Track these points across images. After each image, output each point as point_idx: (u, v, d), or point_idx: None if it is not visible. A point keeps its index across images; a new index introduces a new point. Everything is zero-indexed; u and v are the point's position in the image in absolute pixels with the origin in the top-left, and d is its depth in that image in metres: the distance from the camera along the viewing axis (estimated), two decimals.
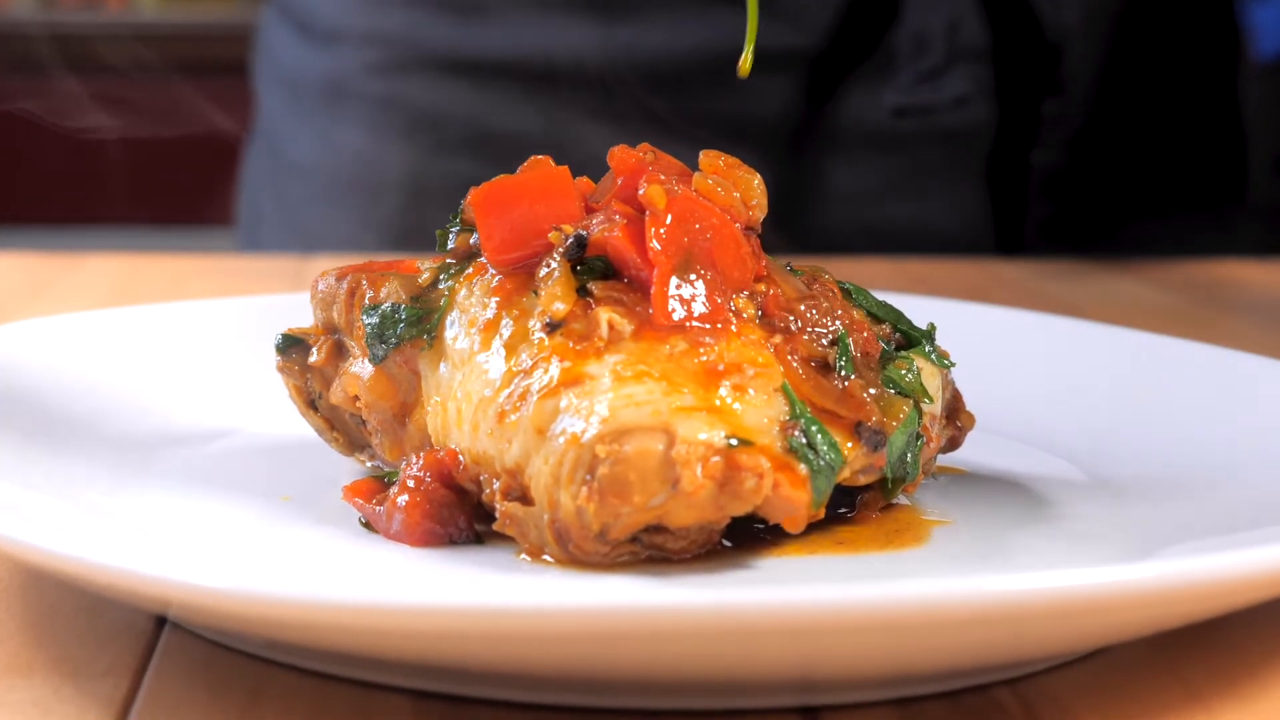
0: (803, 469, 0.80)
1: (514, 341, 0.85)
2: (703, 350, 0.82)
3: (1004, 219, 1.82)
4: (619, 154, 0.89)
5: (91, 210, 4.14)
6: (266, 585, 0.64)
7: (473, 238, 0.91)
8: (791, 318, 0.86)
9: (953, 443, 0.95)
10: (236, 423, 1.03)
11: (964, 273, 1.68)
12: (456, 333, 0.88)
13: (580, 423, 0.80)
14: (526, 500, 0.82)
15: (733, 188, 0.88)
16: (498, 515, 0.83)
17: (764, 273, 0.88)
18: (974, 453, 0.97)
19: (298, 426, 0.99)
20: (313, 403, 0.97)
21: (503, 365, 0.84)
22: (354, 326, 0.92)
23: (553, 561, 0.81)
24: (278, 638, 0.69)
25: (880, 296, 0.93)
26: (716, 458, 0.78)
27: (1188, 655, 0.76)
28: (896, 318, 0.92)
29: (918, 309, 0.97)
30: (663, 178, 0.86)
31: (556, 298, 0.84)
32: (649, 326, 0.83)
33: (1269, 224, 1.91)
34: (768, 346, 0.84)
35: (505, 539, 0.84)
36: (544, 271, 0.86)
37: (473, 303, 0.88)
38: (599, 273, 0.85)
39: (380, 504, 0.85)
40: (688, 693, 0.69)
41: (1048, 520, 0.90)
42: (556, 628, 0.62)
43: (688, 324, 0.83)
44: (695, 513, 0.78)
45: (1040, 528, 0.88)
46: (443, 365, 0.88)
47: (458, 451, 0.85)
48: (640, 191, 0.86)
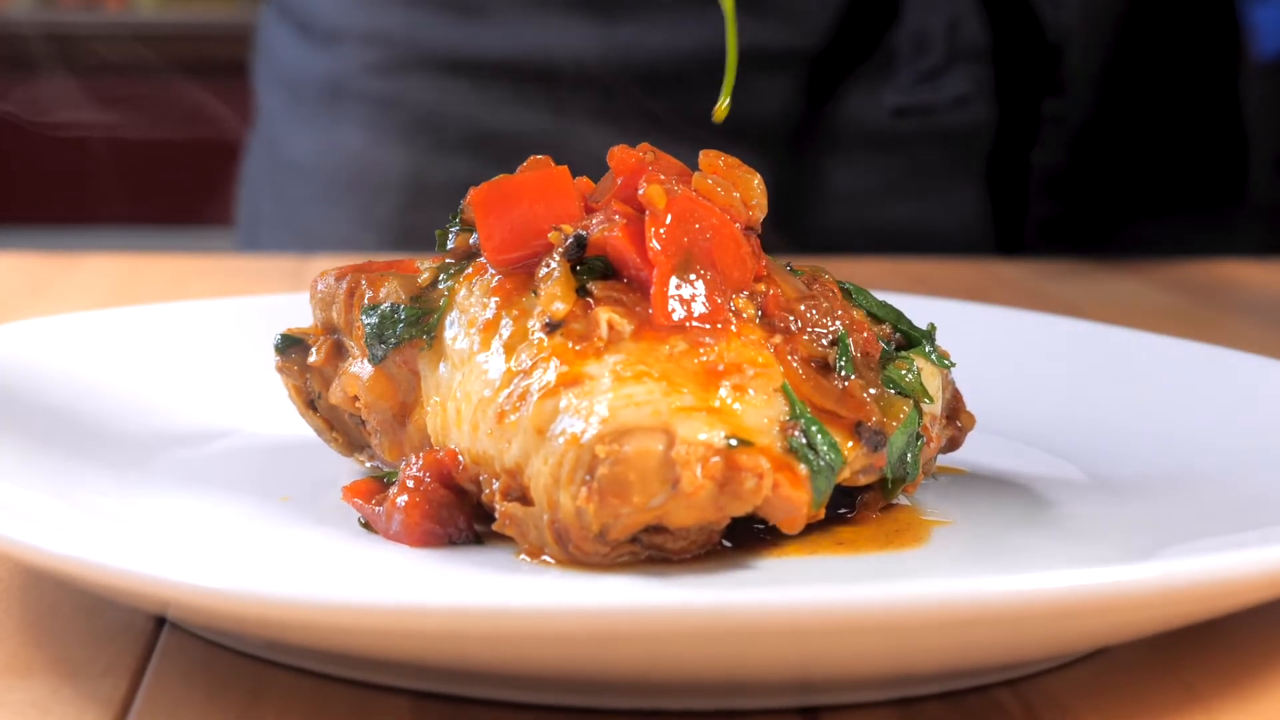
0: (803, 469, 0.80)
1: (513, 341, 0.85)
2: (703, 350, 0.82)
3: (1004, 219, 1.82)
4: (619, 154, 0.89)
5: (91, 210, 4.14)
6: (265, 586, 0.64)
7: (472, 238, 0.91)
8: (791, 318, 0.86)
9: (953, 443, 0.95)
10: (236, 423, 1.03)
11: (964, 273, 1.67)
12: (456, 333, 0.88)
13: (580, 423, 0.80)
14: (526, 500, 0.82)
15: (733, 188, 0.88)
16: (497, 515, 0.83)
17: (764, 273, 0.88)
18: (974, 453, 0.97)
19: (297, 427, 0.99)
20: (312, 403, 0.97)
21: (502, 365, 0.84)
22: (353, 326, 0.92)
23: (552, 562, 0.81)
24: (277, 638, 0.69)
25: (880, 296, 0.93)
26: (716, 458, 0.78)
27: (1188, 655, 0.76)
28: (896, 318, 0.92)
29: (918, 309, 0.97)
30: (663, 178, 0.86)
31: (556, 298, 0.84)
32: (649, 326, 0.83)
33: (1269, 224, 1.90)
34: (768, 346, 0.84)
35: (505, 539, 0.84)
36: (544, 271, 0.86)
37: (472, 303, 0.88)
38: (599, 273, 0.85)
39: (379, 504, 0.85)
40: (687, 693, 0.69)
41: (1048, 520, 0.90)
42: (556, 628, 0.62)
43: (688, 324, 0.83)
44: (695, 513, 0.78)
45: (1040, 528, 0.88)
46: (442, 365, 0.88)
47: (457, 452, 0.85)
48: (640, 191, 0.86)
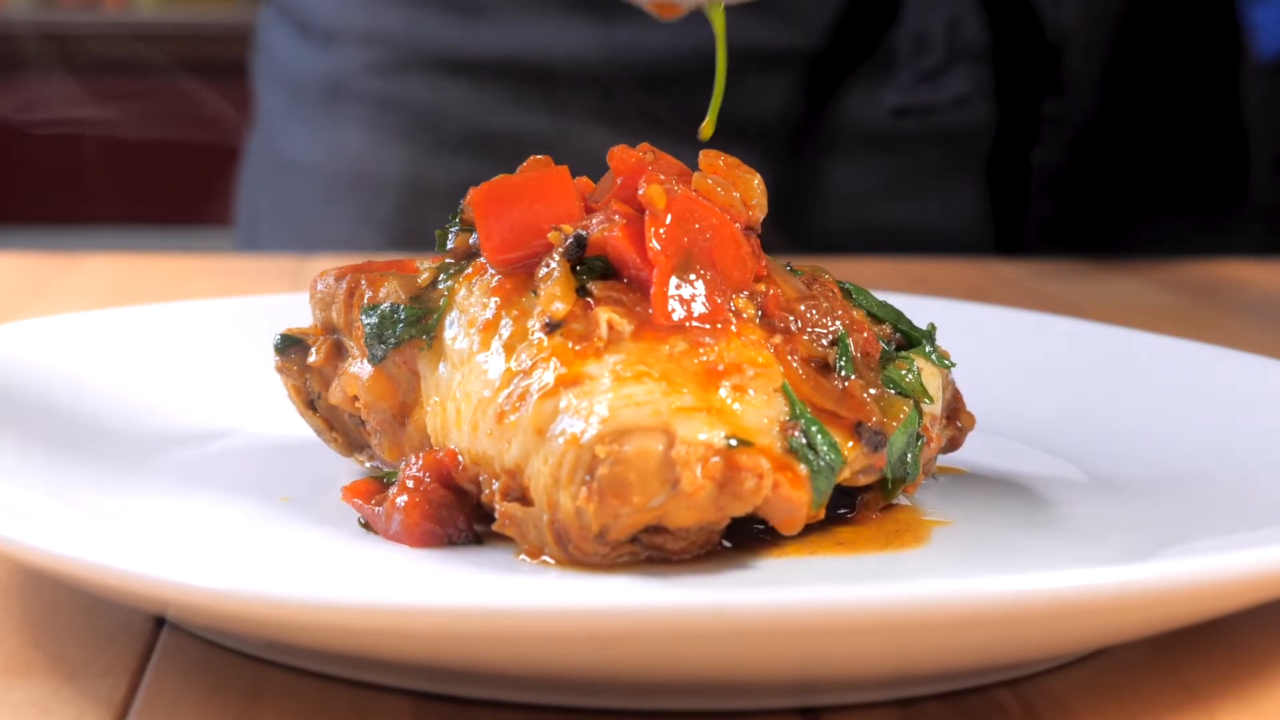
0: (803, 469, 0.80)
1: (513, 341, 0.85)
2: (702, 350, 0.82)
3: (1004, 219, 1.82)
4: (619, 154, 0.89)
5: (91, 210, 4.14)
6: (265, 586, 0.64)
7: (472, 237, 0.91)
8: (791, 318, 0.86)
9: (953, 443, 0.95)
10: (235, 423, 1.03)
11: (964, 273, 1.67)
12: (456, 333, 0.88)
13: (580, 423, 0.79)
14: (526, 501, 0.82)
15: (733, 188, 0.88)
16: (497, 516, 0.83)
17: (764, 273, 0.88)
18: (974, 453, 0.97)
19: (297, 427, 0.99)
20: (312, 403, 0.97)
21: (502, 365, 0.84)
22: (353, 326, 0.92)
23: (552, 562, 0.81)
24: (276, 638, 0.69)
25: (880, 296, 0.93)
26: (716, 458, 0.78)
27: (1188, 656, 0.75)
28: (896, 318, 0.92)
29: (918, 309, 0.97)
30: (662, 178, 0.86)
31: (556, 298, 0.84)
32: (649, 326, 0.83)
33: (1270, 224, 1.90)
34: (768, 346, 0.84)
35: (504, 540, 0.84)
36: (543, 271, 0.85)
37: (472, 303, 0.88)
38: (598, 273, 0.85)
39: (379, 504, 0.85)
40: (687, 693, 0.69)
41: (1048, 520, 0.90)
42: (556, 628, 0.62)
43: (687, 324, 0.83)
44: (695, 513, 0.78)
45: (1040, 528, 0.88)
46: (442, 365, 0.88)
47: (457, 452, 0.85)
48: (640, 191, 0.86)
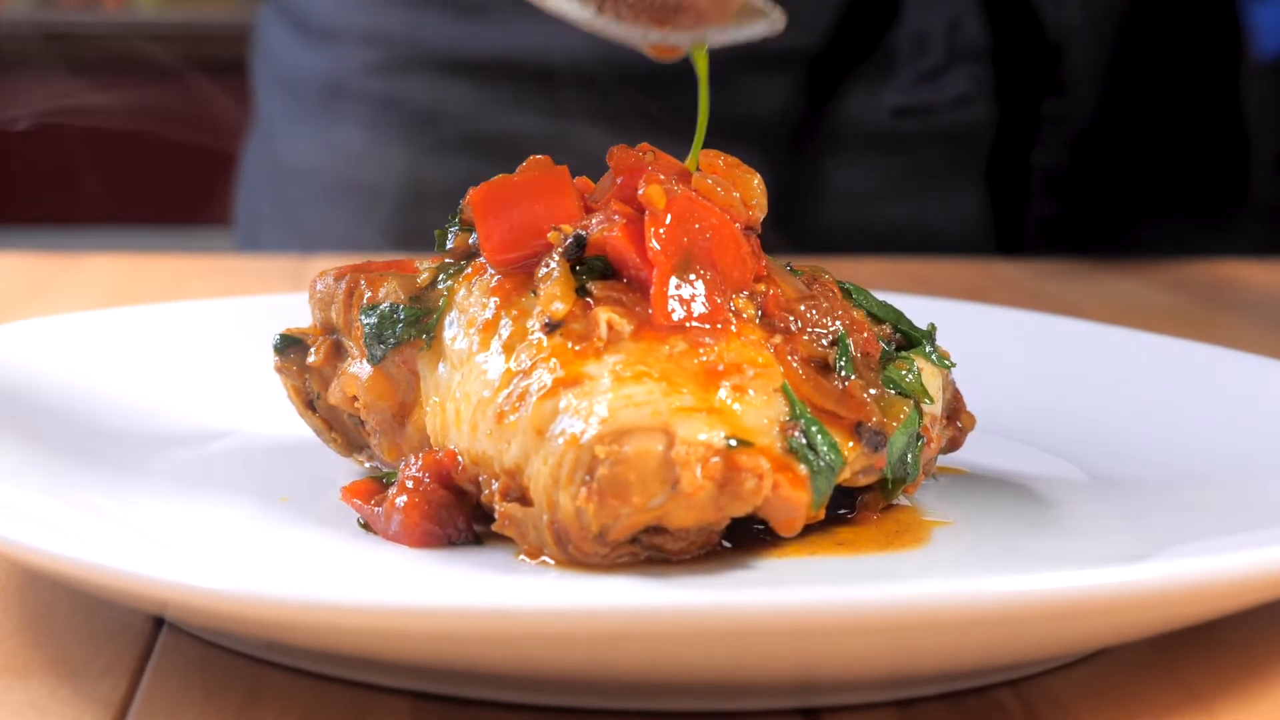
0: (803, 470, 0.80)
1: (513, 342, 0.85)
2: (702, 350, 0.82)
3: (1004, 219, 1.82)
4: (618, 154, 0.89)
5: (90, 210, 4.14)
6: (264, 586, 0.64)
7: (471, 237, 0.91)
8: (791, 318, 0.86)
9: (953, 443, 0.95)
10: (235, 423, 1.03)
11: (964, 273, 1.67)
12: (455, 333, 0.88)
13: (579, 423, 0.79)
14: (525, 501, 0.82)
15: (732, 187, 0.88)
16: (497, 516, 0.83)
17: (764, 273, 0.87)
18: (974, 453, 0.97)
19: (296, 427, 0.99)
20: (311, 403, 0.96)
21: (502, 365, 0.84)
22: (352, 326, 0.92)
23: (552, 562, 0.81)
24: (275, 639, 0.69)
25: (880, 296, 0.93)
26: (716, 458, 0.78)
27: (1189, 656, 0.75)
28: (897, 318, 0.92)
29: (918, 309, 0.97)
30: (662, 177, 0.86)
31: (555, 298, 0.84)
32: (648, 327, 0.83)
33: (1270, 224, 1.90)
34: (768, 347, 0.84)
35: (504, 540, 0.83)
36: (543, 271, 0.85)
37: (472, 303, 0.88)
38: (598, 273, 0.85)
39: (379, 505, 0.85)
40: (687, 694, 0.69)
41: (1048, 520, 0.89)
42: (556, 629, 0.62)
43: (687, 324, 0.83)
44: (695, 514, 0.78)
45: (1040, 528, 0.88)
46: (441, 365, 0.88)
47: (456, 452, 0.85)
48: (640, 191, 0.85)
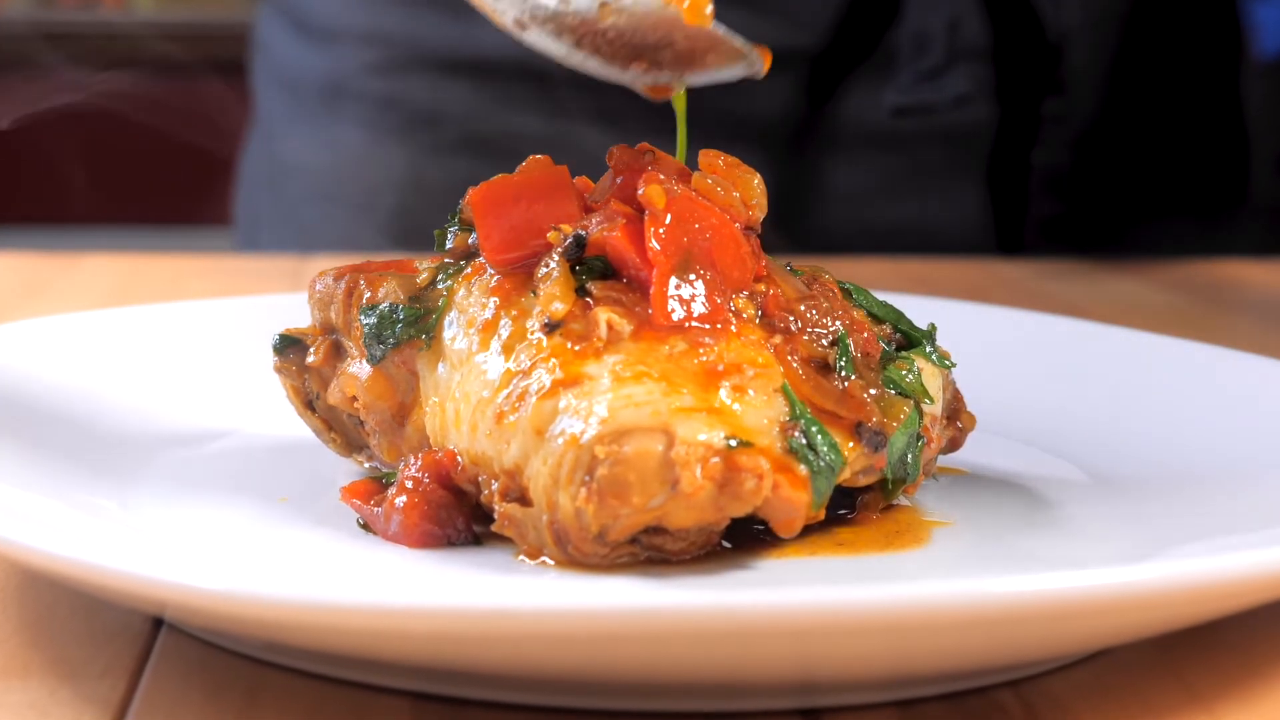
0: (803, 470, 0.80)
1: (512, 342, 0.85)
2: (702, 351, 0.82)
3: (1004, 219, 1.81)
4: (618, 153, 0.89)
5: (89, 210, 4.14)
6: (263, 587, 0.64)
7: (471, 237, 0.91)
8: (791, 318, 0.86)
9: (953, 443, 0.94)
10: (234, 423, 1.03)
11: (964, 273, 1.67)
12: (455, 333, 0.87)
13: (579, 423, 0.79)
14: (525, 501, 0.82)
15: (732, 187, 0.88)
16: (496, 516, 0.83)
17: (764, 273, 0.87)
18: (974, 453, 0.97)
19: (295, 427, 0.99)
20: (310, 403, 0.96)
21: (501, 366, 0.84)
22: (351, 327, 0.92)
23: (551, 563, 0.81)
24: (275, 639, 0.69)
25: (880, 296, 0.93)
26: (716, 459, 0.78)
27: (1189, 657, 0.75)
28: (897, 318, 0.92)
29: (918, 309, 0.97)
30: (662, 177, 0.86)
31: (555, 298, 0.84)
32: (648, 327, 0.83)
33: (1270, 224, 1.90)
34: (768, 347, 0.84)
35: (504, 540, 0.83)
36: (543, 271, 0.85)
37: (471, 303, 0.87)
38: (598, 273, 0.85)
39: (378, 505, 0.85)
40: (687, 695, 0.68)
41: (1048, 521, 0.89)
42: (555, 629, 0.61)
43: (687, 324, 0.83)
44: (695, 514, 0.78)
45: (1041, 528, 0.88)
46: (441, 366, 0.88)
47: (456, 452, 0.85)
48: (639, 191, 0.85)
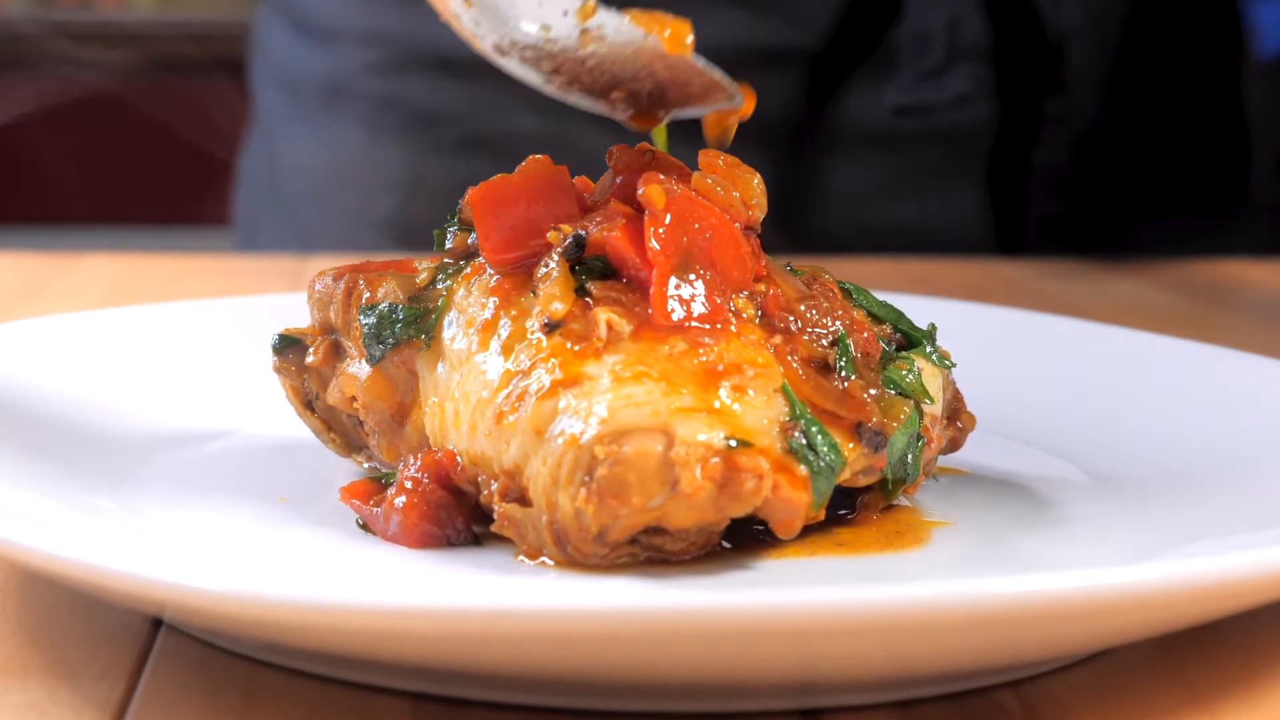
0: (803, 470, 0.80)
1: (512, 342, 0.84)
2: (702, 351, 0.82)
3: (1005, 219, 1.81)
4: (618, 153, 0.89)
5: (89, 210, 4.14)
6: (263, 587, 0.64)
7: (471, 237, 0.91)
8: (791, 318, 0.86)
9: (953, 444, 0.94)
10: (233, 423, 1.03)
11: (964, 273, 1.67)
12: (454, 333, 0.87)
13: (579, 424, 0.79)
14: (525, 501, 0.82)
15: (732, 187, 0.88)
16: (496, 517, 0.83)
17: (764, 273, 0.87)
18: (975, 454, 0.97)
19: (295, 427, 0.99)
20: (310, 403, 0.96)
21: (501, 366, 0.84)
22: (351, 327, 0.92)
23: (551, 563, 0.81)
24: (274, 640, 0.69)
25: (880, 296, 0.93)
26: (716, 459, 0.78)
27: (1190, 657, 0.75)
28: (897, 318, 0.92)
29: (918, 309, 0.97)
30: (662, 177, 0.86)
31: (555, 298, 0.84)
32: (648, 327, 0.82)
33: (1271, 224, 1.90)
34: (768, 347, 0.84)
35: (503, 540, 0.83)
36: (542, 271, 0.85)
37: (471, 303, 0.87)
38: (598, 273, 0.85)
39: (377, 505, 0.85)
40: (687, 695, 0.68)
41: (1048, 521, 0.89)
42: (555, 630, 0.61)
43: (687, 324, 0.83)
44: (695, 514, 0.78)
45: (1041, 529, 0.88)
46: (440, 366, 0.88)
47: (455, 453, 0.85)
48: (639, 191, 0.85)
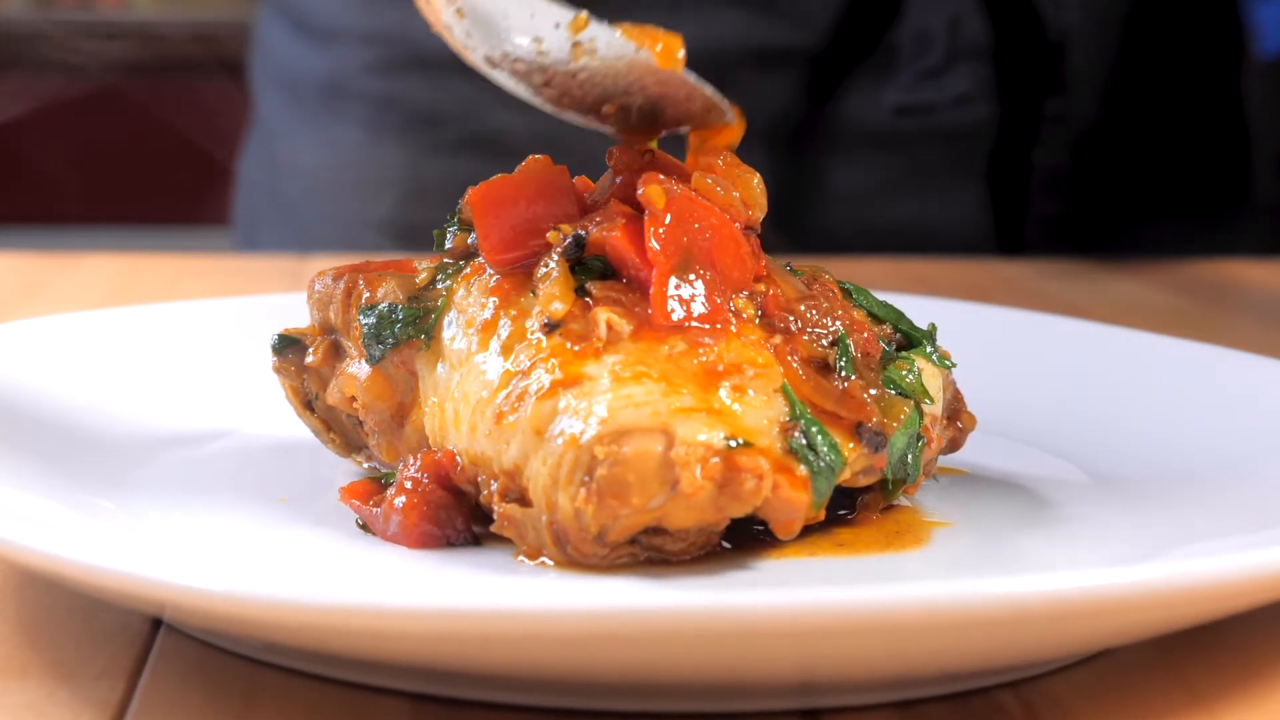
0: (803, 470, 0.80)
1: (512, 342, 0.84)
2: (702, 351, 0.82)
3: (1005, 219, 1.81)
4: (618, 153, 0.89)
5: (88, 210, 4.14)
6: (262, 587, 0.63)
7: (470, 237, 0.90)
8: (791, 318, 0.86)
9: (954, 444, 0.94)
10: (233, 424, 1.03)
11: (964, 273, 1.67)
12: (454, 333, 0.87)
13: (579, 424, 0.79)
14: (524, 502, 0.82)
15: (732, 187, 0.88)
16: (496, 517, 0.83)
17: (764, 273, 0.87)
18: (975, 454, 0.97)
19: (294, 427, 0.99)
20: (309, 403, 0.96)
21: (500, 366, 0.84)
22: (351, 327, 0.92)
23: (551, 563, 0.81)
24: (273, 640, 0.69)
25: (881, 296, 0.93)
26: (716, 459, 0.78)
27: (1190, 657, 0.75)
28: (897, 318, 0.92)
29: (918, 309, 0.97)
30: (661, 177, 0.86)
31: (555, 298, 0.84)
32: (648, 327, 0.82)
33: (1271, 224, 1.90)
34: (767, 347, 0.84)
35: (503, 541, 0.83)
36: (542, 271, 0.85)
37: (470, 303, 0.87)
38: (597, 273, 0.85)
39: (377, 505, 0.85)
40: (687, 695, 0.68)
41: (1048, 521, 0.89)
42: (555, 630, 0.61)
43: (687, 324, 0.83)
44: (694, 514, 0.78)
45: (1041, 529, 0.88)
46: (440, 366, 0.88)
47: (455, 453, 0.85)
48: (639, 191, 0.85)
